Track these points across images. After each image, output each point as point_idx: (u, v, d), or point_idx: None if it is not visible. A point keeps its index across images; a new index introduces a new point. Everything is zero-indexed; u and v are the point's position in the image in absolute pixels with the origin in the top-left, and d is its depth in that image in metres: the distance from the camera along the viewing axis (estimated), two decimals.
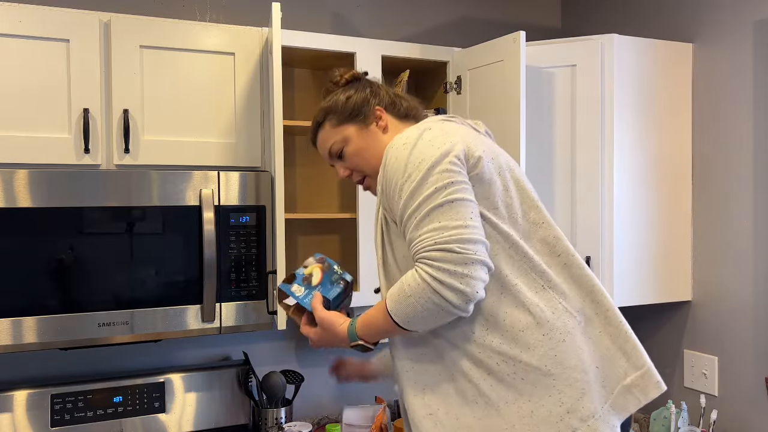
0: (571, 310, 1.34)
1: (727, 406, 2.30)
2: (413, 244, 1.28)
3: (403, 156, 1.32)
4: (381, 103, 1.52)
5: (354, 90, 1.54)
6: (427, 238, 1.25)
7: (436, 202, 1.26)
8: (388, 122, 1.51)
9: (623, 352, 1.36)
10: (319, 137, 1.56)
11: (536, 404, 1.28)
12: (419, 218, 1.27)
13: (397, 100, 1.54)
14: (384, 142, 1.50)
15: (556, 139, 2.32)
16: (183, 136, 2.03)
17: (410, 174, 1.29)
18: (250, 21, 2.43)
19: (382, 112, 1.51)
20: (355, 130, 1.51)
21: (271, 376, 2.30)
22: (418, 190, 1.28)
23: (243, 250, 2.02)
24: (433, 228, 1.25)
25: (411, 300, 1.25)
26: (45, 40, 1.88)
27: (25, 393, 2.08)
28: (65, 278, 1.83)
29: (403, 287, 1.27)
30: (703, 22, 2.36)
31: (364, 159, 1.50)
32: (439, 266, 1.22)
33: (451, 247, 1.22)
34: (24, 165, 1.87)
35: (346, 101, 1.51)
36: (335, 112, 1.52)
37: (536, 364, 1.29)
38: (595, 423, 1.28)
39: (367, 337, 1.38)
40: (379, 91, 1.54)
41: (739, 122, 2.24)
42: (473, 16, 2.82)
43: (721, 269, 2.31)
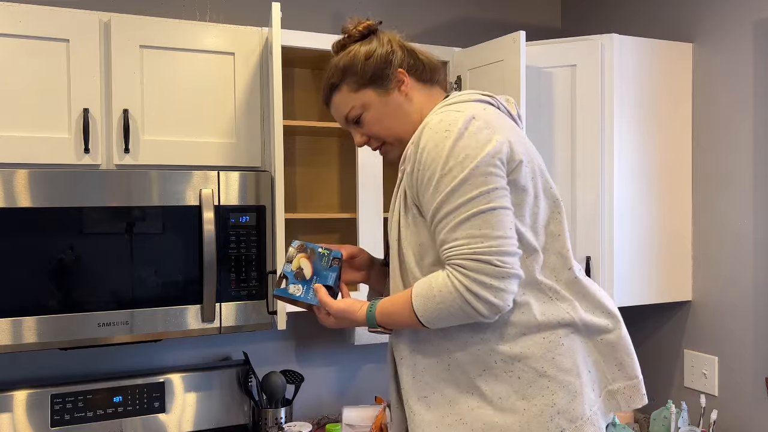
0: (575, 319, 1.34)
1: (727, 406, 2.30)
2: (447, 246, 1.24)
3: (445, 145, 1.25)
4: (403, 64, 1.41)
5: (373, 46, 1.41)
6: (464, 245, 1.22)
7: (478, 208, 1.22)
8: (410, 85, 1.41)
9: (618, 362, 1.38)
10: (335, 100, 1.45)
11: (529, 403, 1.29)
12: (458, 221, 1.22)
13: (418, 62, 1.43)
14: (406, 109, 1.41)
15: (556, 139, 2.32)
16: (183, 136, 2.03)
17: (451, 168, 1.24)
18: (250, 21, 2.43)
19: (405, 76, 1.40)
20: (375, 96, 1.40)
21: (271, 376, 2.30)
22: (460, 189, 1.23)
23: (243, 250, 2.02)
24: (472, 235, 1.22)
25: (440, 306, 1.24)
26: (45, 40, 1.88)
27: (25, 393, 2.08)
28: (65, 278, 1.83)
29: (432, 290, 1.24)
30: (703, 22, 2.36)
31: (386, 127, 1.41)
32: (474, 277, 1.20)
33: (490, 259, 1.20)
34: (24, 165, 1.87)
35: (365, 62, 1.39)
36: (353, 74, 1.40)
37: (534, 365, 1.30)
38: (583, 425, 1.30)
39: (386, 325, 1.35)
40: (401, 48, 1.42)
41: (739, 122, 2.24)
42: (473, 16, 2.82)
43: (721, 269, 2.31)
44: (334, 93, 1.44)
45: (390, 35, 1.45)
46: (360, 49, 1.41)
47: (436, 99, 1.45)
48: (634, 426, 2.50)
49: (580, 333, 1.35)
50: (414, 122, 1.42)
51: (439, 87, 1.47)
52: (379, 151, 1.48)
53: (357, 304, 1.39)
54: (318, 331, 2.55)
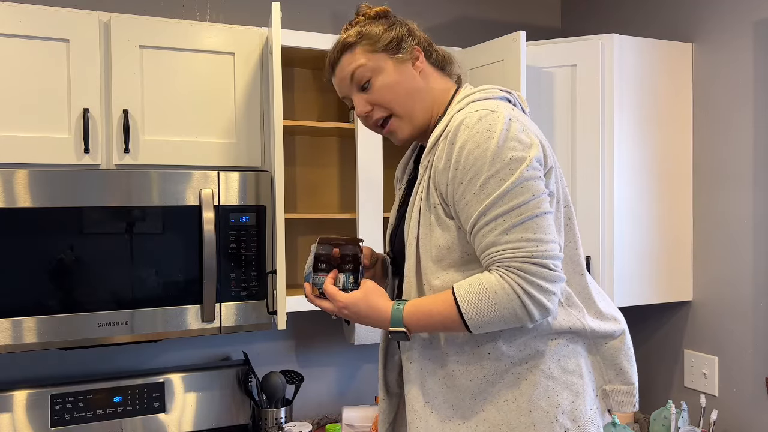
0: (585, 326, 1.34)
1: (727, 406, 2.30)
2: (499, 249, 1.22)
3: (489, 146, 1.22)
4: (421, 44, 1.39)
5: (391, 22, 1.38)
6: (521, 248, 1.21)
7: (532, 212, 1.21)
8: (425, 66, 1.39)
9: (618, 368, 1.38)
10: (344, 59, 1.38)
11: (535, 404, 1.29)
12: (511, 224, 1.21)
13: (431, 48, 1.42)
14: (420, 85, 1.37)
15: (556, 138, 2.32)
16: (183, 136, 2.03)
17: (499, 171, 1.22)
18: (250, 21, 2.43)
19: (420, 54, 1.38)
20: (391, 62, 1.35)
21: (271, 376, 2.30)
22: (512, 192, 1.21)
23: (243, 250, 2.02)
24: (528, 238, 1.21)
25: (494, 307, 1.22)
26: (45, 40, 1.88)
27: (25, 393, 2.08)
28: (65, 278, 1.83)
29: (486, 292, 1.22)
30: (703, 22, 2.36)
31: (397, 94, 1.36)
32: (533, 281, 1.20)
33: (547, 263, 1.21)
34: (24, 165, 1.87)
35: (385, 30, 1.36)
36: (371, 37, 1.36)
37: (541, 367, 1.30)
38: (585, 424, 1.31)
39: (416, 326, 1.29)
40: (416, 32, 1.40)
41: (739, 122, 2.24)
42: (473, 16, 2.82)
43: (721, 269, 2.31)
44: (345, 52, 1.38)
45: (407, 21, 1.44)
46: (377, 22, 1.38)
47: (450, 89, 1.43)
48: (634, 426, 2.50)
49: (585, 338, 1.36)
50: (426, 103, 1.38)
51: (452, 80, 1.46)
52: (381, 128, 1.41)
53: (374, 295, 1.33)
54: (318, 331, 2.55)
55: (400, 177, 1.59)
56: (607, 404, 1.38)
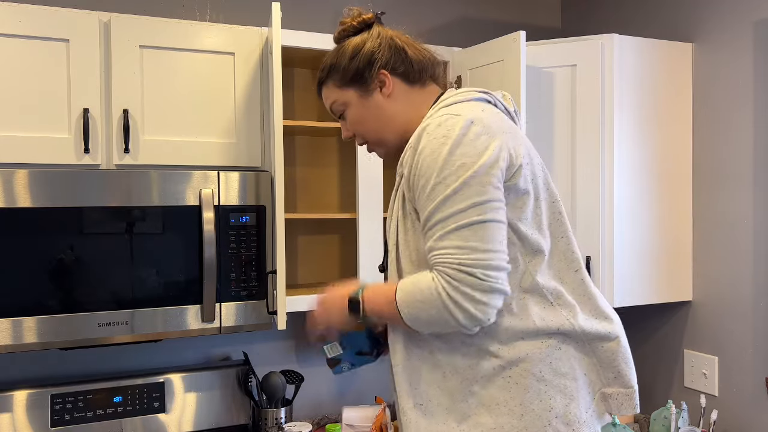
0: (575, 327, 1.32)
1: (727, 406, 2.30)
2: (434, 253, 1.23)
3: (441, 152, 1.23)
4: (387, 65, 1.40)
5: (360, 43, 1.41)
6: (451, 254, 1.21)
7: (469, 219, 1.21)
8: (393, 87, 1.40)
9: (616, 371, 1.36)
10: (323, 93, 1.48)
11: (527, 408, 1.28)
12: (447, 230, 1.22)
13: (407, 62, 1.41)
14: (388, 111, 1.41)
15: (556, 139, 2.32)
16: (183, 136, 2.03)
17: (446, 177, 1.22)
18: (250, 21, 2.43)
19: (387, 77, 1.40)
20: (356, 96, 1.41)
21: (271, 376, 2.30)
22: (452, 198, 1.22)
23: (243, 250, 2.02)
24: (459, 246, 1.21)
25: (421, 305, 1.23)
26: (45, 40, 1.88)
27: (25, 393, 2.08)
28: (65, 278, 1.83)
29: (416, 288, 1.24)
30: (703, 22, 2.36)
31: (365, 127, 1.42)
32: (457, 287, 1.20)
33: (474, 272, 1.19)
34: (24, 165, 1.87)
35: (349, 62, 1.40)
36: (337, 71, 1.42)
37: (532, 370, 1.29)
38: (579, 428, 1.30)
39: (368, 300, 1.33)
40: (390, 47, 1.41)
41: (739, 122, 2.24)
42: (473, 16, 2.82)
43: (721, 269, 2.31)
44: (322, 86, 1.48)
45: (383, 31, 1.44)
46: (348, 47, 1.42)
47: (429, 98, 1.43)
48: (634, 426, 2.50)
49: (577, 339, 1.33)
50: (397, 125, 1.42)
51: (435, 84, 1.46)
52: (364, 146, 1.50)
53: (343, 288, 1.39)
54: None
55: None
56: (607, 407, 1.36)
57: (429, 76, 1.44)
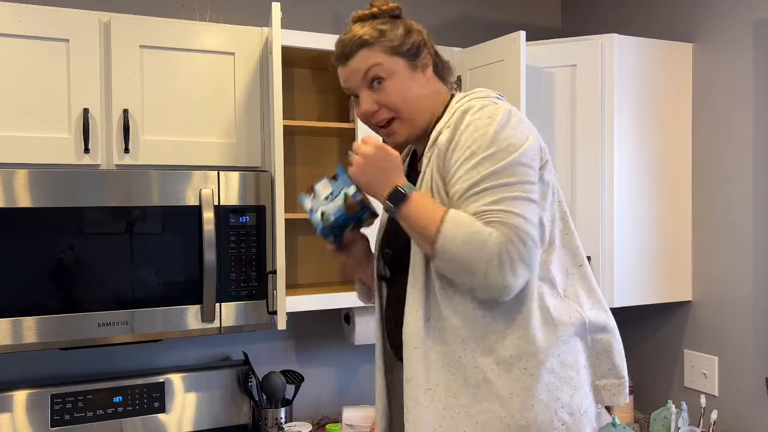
0: (584, 318, 1.37)
1: (727, 406, 2.30)
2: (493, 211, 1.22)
3: (488, 131, 1.27)
4: (431, 53, 1.43)
5: (409, 25, 1.41)
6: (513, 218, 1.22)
7: (520, 193, 1.24)
8: (432, 75, 1.44)
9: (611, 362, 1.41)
10: (362, 53, 1.38)
11: (536, 399, 1.30)
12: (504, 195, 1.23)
13: (440, 56, 1.47)
14: (425, 92, 1.41)
15: (556, 139, 2.32)
16: (183, 136, 2.03)
17: (495, 153, 1.26)
18: (250, 21, 2.43)
19: (430, 63, 1.42)
20: (406, 67, 1.39)
21: (271, 376, 2.30)
22: (503, 172, 1.24)
23: (243, 250, 2.02)
24: (518, 213, 1.22)
25: (466, 242, 1.21)
26: (45, 40, 1.88)
27: (25, 393, 2.08)
28: (65, 278, 1.83)
29: (471, 226, 1.22)
30: (703, 22, 2.36)
31: (406, 99, 1.39)
32: (511, 250, 1.20)
33: (528, 242, 1.22)
34: (24, 165, 1.86)
35: (405, 35, 1.39)
36: (392, 39, 1.38)
37: (545, 361, 1.31)
38: (581, 417, 1.34)
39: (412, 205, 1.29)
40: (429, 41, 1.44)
41: (739, 122, 2.24)
42: (473, 16, 2.82)
43: (721, 269, 2.31)
44: (362, 48, 1.39)
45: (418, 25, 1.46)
46: (398, 23, 1.41)
47: (446, 97, 1.46)
48: (634, 426, 2.50)
49: (583, 332, 1.38)
50: (428, 109, 1.42)
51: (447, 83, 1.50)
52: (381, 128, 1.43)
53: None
54: (318, 331, 2.55)
55: None
56: (599, 399, 1.41)
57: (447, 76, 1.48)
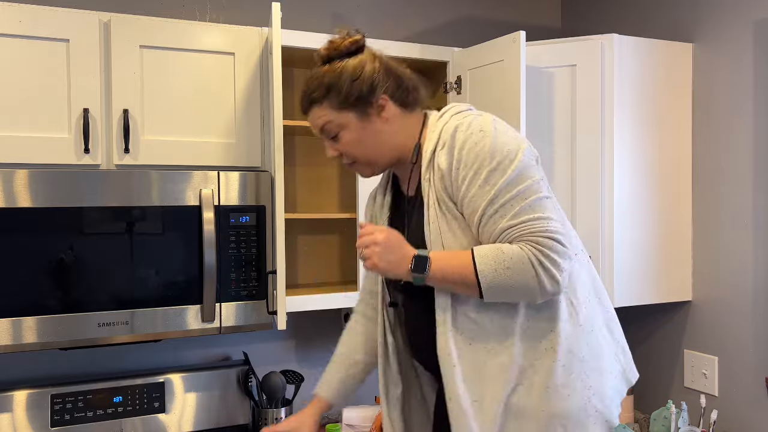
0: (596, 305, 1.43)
1: (727, 406, 2.30)
2: (515, 228, 1.28)
3: (486, 143, 1.30)
4: (388, 90, 1.41)
5: (360, 66, 1.40)
6: (536, 224, 1.27)
7: (536, 196, 1.29)
8: (391, 112, 1.42)
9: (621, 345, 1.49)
10: (313, 112, 1.44)
11: (572, 389, 1.34)
12: (520, 207, 1.28)
13: (402, 86, 1.43)
14: (384, 135, 1.42)
15: (556, 139, 2.32)
16: (183, 136, 2.03)
17: (500, 163, 1.29)
18: (250, 21, 2.43)
19: (387, 102, 1.41)
20: (355, 119, 1.40)
21: (271, 376, 2.30)
22: (513, 180, 1.29)
23: (243, 250, 2.02)
24: (539, 217, 1.28)
25: (508, 272, 1.27)
26: (45, 40, 1.88)
27: (25, 393, 2.08)
28: (65, 278, 1.83)
29: (502, 255, 1.27)
30: (703, 22, 2.36)
31: (361, 149, 1.43)
32: (548, 254, 1.26)
33: (560, 239, 1.27)
34: (24, 165, 1.86)
35: (351, 86, 1.38)
36: (337, 93, 1.39)
37: (576, 351, 1.35)
38: (610, 402, 1.39)
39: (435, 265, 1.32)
40: (387, 72, 1.42)
41: (739, 122, 2.24)
42: (473, 16, 2.82)
43: (721, 269, 2.31)
44: (312, 106, 1.44)
45: (379, 55, 1.44)
46: (347, 67, 1.40)
47: (418, 121, 1.46)
48: (634, 426, 2.50)
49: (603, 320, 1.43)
50: (392, 147, 1.44)
51: (421, 105, 1.49)
52: (349, 167, 1.49)
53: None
54: (318, 331, 2.55)
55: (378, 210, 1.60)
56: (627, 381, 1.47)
57: (419, 99, 1.47)
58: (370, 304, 1.72)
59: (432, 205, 1.37)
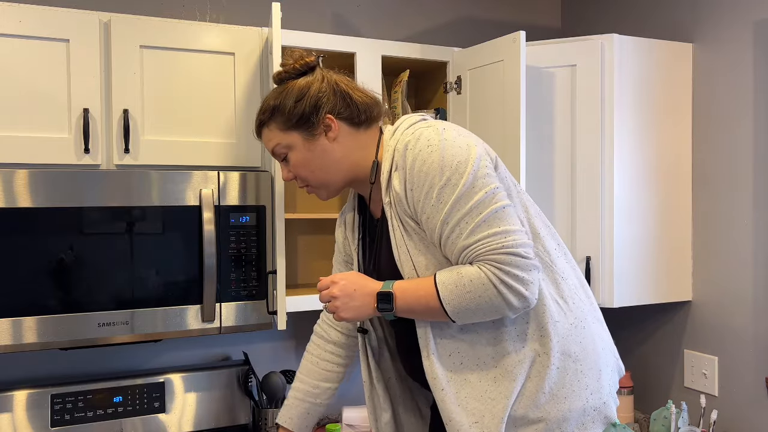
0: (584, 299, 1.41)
1: (727, 406, 2.30)
2: (471, 248, 1.26)
3: (433, 159, 1.27)
4: (333, 110, 1.40)
5: (305, 87, 1.41)
6: (490, 242, 1.24)
7: (490, 209, 1.26)
8: (339, 131, 1.41)
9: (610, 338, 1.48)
10: (264, 134, 1.47)
11: (570, 391, 1.33)
12: (475, 223, 1.25)
13: (352, 106, 1.42)
14: (333, 155, 1.41)
15: (556, 139, 2.32)
16: (183, 136, 2.03)
17: (449, 178, 1.26)
18: (250, 21, 2.43)
19: (333, 121, 1.41)
20: (300, 140, 1.41)
21: (271, 376, 2.31)
22: (465, 195, 1.26)
23: (243, 250, 2.02)
24: (494, 233, 1.25)
25: (469, 295, 1.25)
26: (45, 40, 1.88)
27: (25, 393, 2.08)
28: (65, 278, 1.83)
29: (462, 280, 1.25)
30: (703, 22, 2.36)
31: (310, 171, 1.43)
32: (508, 271, 1.23)
33: (518, 251, 1.24)
34: (24, 165, 1.86)
35: (294, 106, 1.40)
36: (282, 114, 1.41)
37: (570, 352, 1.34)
38: (608, 398, 1.38)
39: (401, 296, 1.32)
40: (335, 92, 1.42)
41: (739, 122, 2.24)
42: (473, 16, 2.82)
43: (721, 269, 2.31)
44: (262, 128, 1.47)
45: (327, 75, 1.44)
46: (293, 89, 1.41)
47: (373, 137, 1.45)
48: (634, 426, 2.50)
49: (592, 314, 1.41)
50: (342, 167, 1.43)
51: (377, 122, 1.47)
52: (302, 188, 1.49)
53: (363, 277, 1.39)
54: None
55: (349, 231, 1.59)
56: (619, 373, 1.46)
57: (373, 118, 1.45)
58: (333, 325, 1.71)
59: (397, 227, 1.36)
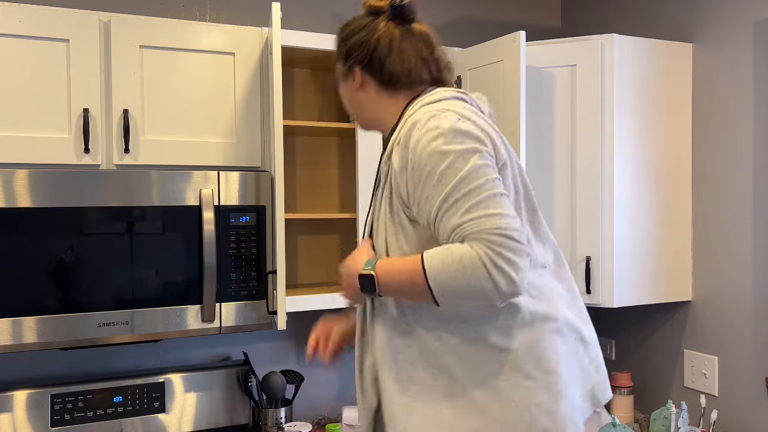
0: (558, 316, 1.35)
1: (727, 406, 2.30)
2: (465, 225, 1.22)
3: (438, 143, 1.27)
4: (362, 63, 1.44)
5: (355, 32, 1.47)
6: (486, 221, 1.21)
7: (489, 192, 1.24)
8: (365, 84, 1.45)
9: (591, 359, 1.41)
10: None
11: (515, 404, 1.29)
12: (472, 203, 1.22)
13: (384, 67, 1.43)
14: (357, 98, 1.48)
15: (556, 139, 2.32)
16: (183, 136, 2.03)
17: (453, 162, 1.25)
18: (250, 21, 2.43)
19: (358, 74, 1.45)
20: (341, 71, 1.50)
21: (271, 376, 2.30)
22: (466, 179, 1.24)
23: (243, 250, 2.02)
24: (490, 213, 1.21)
25: (457, 274, 1.20)
26: (45, 40, 1.88)
27: (25, 393, 2.08)
28: (65, 278, 1.83)
29: (451, 258, 1.21)
30: (702, 22, 2.36)
31: (346, 101, 1.52)
32: (500, 252, 1.18)
33: (511, 234, 1.20)
34: (24, 165, 1.87)
35: (341, 43, 1.48)
36: (337, 44, 1.50)
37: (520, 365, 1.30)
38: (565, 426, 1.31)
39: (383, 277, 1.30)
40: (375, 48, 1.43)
41: (739, 122, 2.24)
42: (473, 16, 2.82)
43: (721, 269, 2.31)
44: None
45: (384, 29, 1.46)
46: (348, 27, 1.49)
47: (400, 105, 1.45)
48: (634, 426, 2.50)
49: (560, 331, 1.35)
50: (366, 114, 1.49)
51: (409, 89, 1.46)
52: None
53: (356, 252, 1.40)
54: None
55: None
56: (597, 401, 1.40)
57: (403, 86, 1.45)
58: None
59: (385, 197, 1.37)
